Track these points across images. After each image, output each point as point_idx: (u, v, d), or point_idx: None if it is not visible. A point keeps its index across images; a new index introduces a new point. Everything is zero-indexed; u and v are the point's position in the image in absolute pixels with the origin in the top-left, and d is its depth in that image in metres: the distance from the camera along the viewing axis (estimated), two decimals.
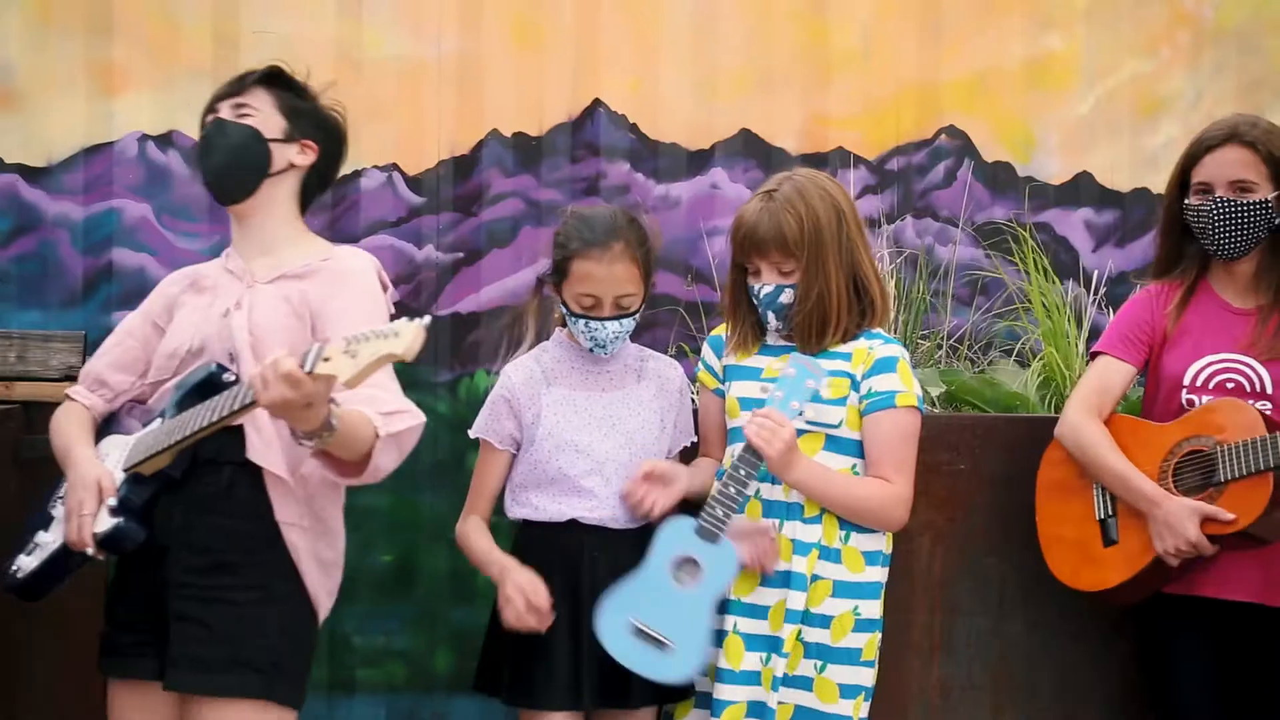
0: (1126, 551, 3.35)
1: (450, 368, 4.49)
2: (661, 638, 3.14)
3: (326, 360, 2.56)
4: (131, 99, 4.38)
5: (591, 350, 3.31)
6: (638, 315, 3.31)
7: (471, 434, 3.39)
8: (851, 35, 4.72)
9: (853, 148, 4.71)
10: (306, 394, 2.59)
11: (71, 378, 4.09)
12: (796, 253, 3.21)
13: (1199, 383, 3.37)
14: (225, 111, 3.12)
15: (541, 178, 4.58)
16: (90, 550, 2.91)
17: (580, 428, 3.31)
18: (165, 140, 4.40)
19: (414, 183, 4.52)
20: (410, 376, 4.48)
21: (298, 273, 3.04)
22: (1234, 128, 3.36)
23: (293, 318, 2.98)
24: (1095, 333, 4.27)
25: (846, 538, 3.24)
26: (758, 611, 3.22)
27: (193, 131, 4.34)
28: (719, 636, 3.22)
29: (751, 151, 4.67)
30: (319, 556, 3.01)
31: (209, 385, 2.93)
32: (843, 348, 3.27)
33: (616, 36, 4.61)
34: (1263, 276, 3.41)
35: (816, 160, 4.65)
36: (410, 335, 2.51)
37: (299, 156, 3.15)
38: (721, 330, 3.43)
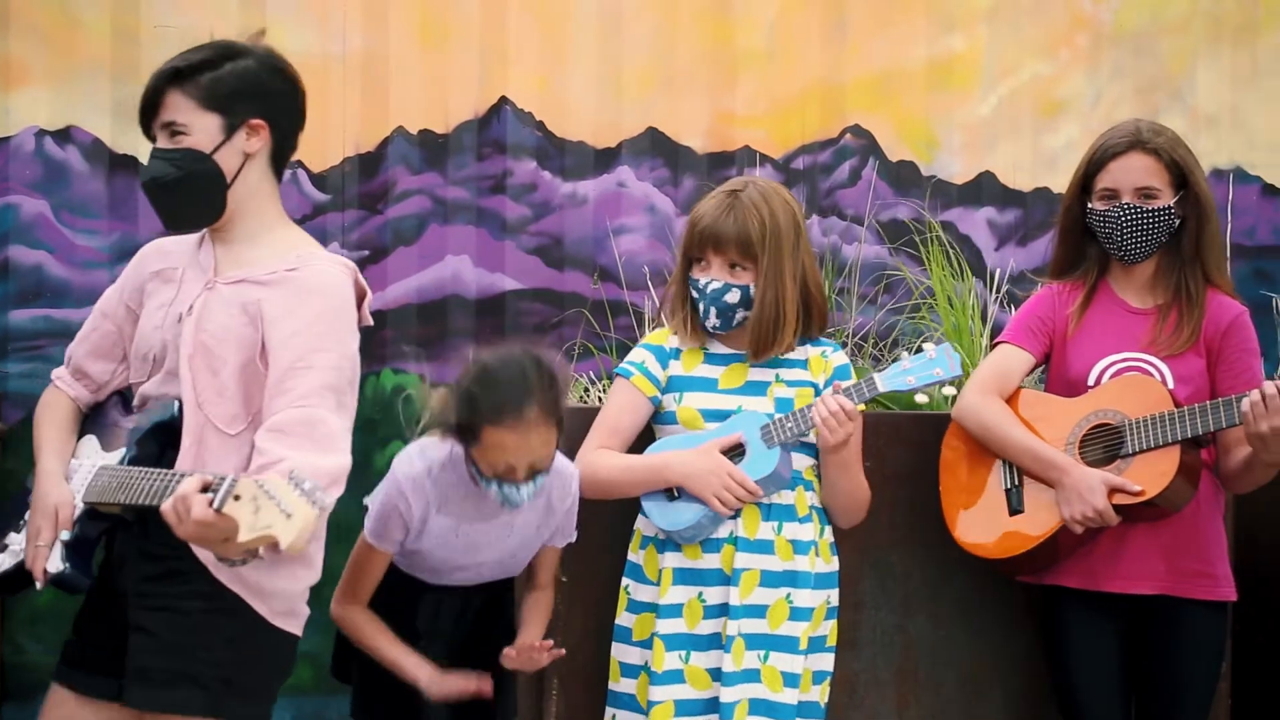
0: (1032, 520, 3.40)
1: None
2: (675, 489, 3.28)
3: (237, 499, 2.43)
4: (29, 94, 4.30)
5: (501, 504, 3.12)
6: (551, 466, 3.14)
7: (366, 537, 3.23)
8: (757, 35, 4.75)
9: (759, 146, 4.74)
10: (221, 530, 2.47)
11: None
12: (756, 254, 3.26)
13: (1103, 381, 3.43)
14: (162, 139, 2.83)
15: (448, 175, 4.56)
16: (39, 585, 2.83)
17: (459, 550, 3.23)
18: (63, 136, 4.32)
19: (318, 180, 4.49)
20: None
21: (261, 280, 2.81)
22: (1137, 134, 3.42)
23: (248, 326, 2.79)
24: (998, 330, 4.32)
25: (822, 532, 3.37)
26: (757, 611, 3.28)
27: (91, 127, 4.32)
28: (726, 642, 3.27)
29: (658, 150, 4.69)
30: (250, 584, 2.79)
31: (168, 428, 2.81)
32: (794, 356, 3.37)
33: (523, 34, 4.60)
34: (1160, 278, 3.48)
35: (723, 159, 4.68)
36: (296, 527, 2.40)
37: (250, 143, 2.84)
38: (661, 338, 3.43)
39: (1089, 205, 3.44)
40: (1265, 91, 5.00)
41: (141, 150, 3.25)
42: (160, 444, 2.82)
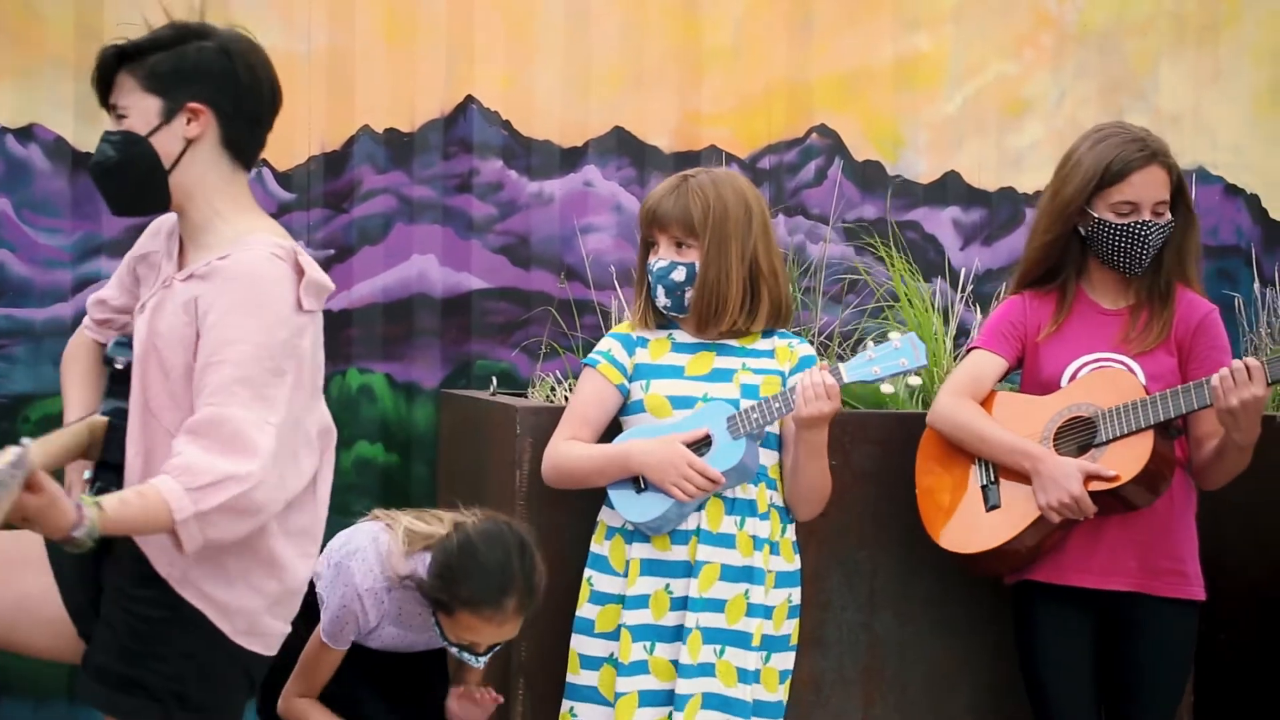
0: (1009, 514, 3.40)
1: None
2: (642, 482, 3.30)
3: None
4: None
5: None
6: None
7: (322, 638, 3.23)
8: (724, 34, 4.75)
9: (725, 145, 4.74)
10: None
11: None
12: (699, 232, 3.29)
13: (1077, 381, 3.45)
14: (111, 121, 2.73)
15: (414, 174, 4.54)
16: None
17: (402, 646, 3.30)
18: (25, 134, 4.28)
19: (284, 179, 4.46)
20: None
21: (201, 273, 2.67)
22: (1145, 144, 3.38)
23: (188, 325, 2.65)
24: (963, 329, 4.35)
25: (784, 530, 3.38)
26: (715, 605, 3.29)
27: (54, 124, 4.29)
28: (683, 633, 3.28)
29: (624, 149, 4.68)
30: (211, 599, 2.68)
31: (118, 376, 2.75)
32: (761, 345, 3.38)
33: (490, 32, 4.59)
34: (1133, 281, 3.49)
35: (689, 158, 4.68)
36: None
37: (190, 128, 2.70)
38: (629, 327, 3.46)
39: (1098, 216, 3.40)
40: (1228, 92, 5.03)
41: None
42: (119, 385, 2.74)
